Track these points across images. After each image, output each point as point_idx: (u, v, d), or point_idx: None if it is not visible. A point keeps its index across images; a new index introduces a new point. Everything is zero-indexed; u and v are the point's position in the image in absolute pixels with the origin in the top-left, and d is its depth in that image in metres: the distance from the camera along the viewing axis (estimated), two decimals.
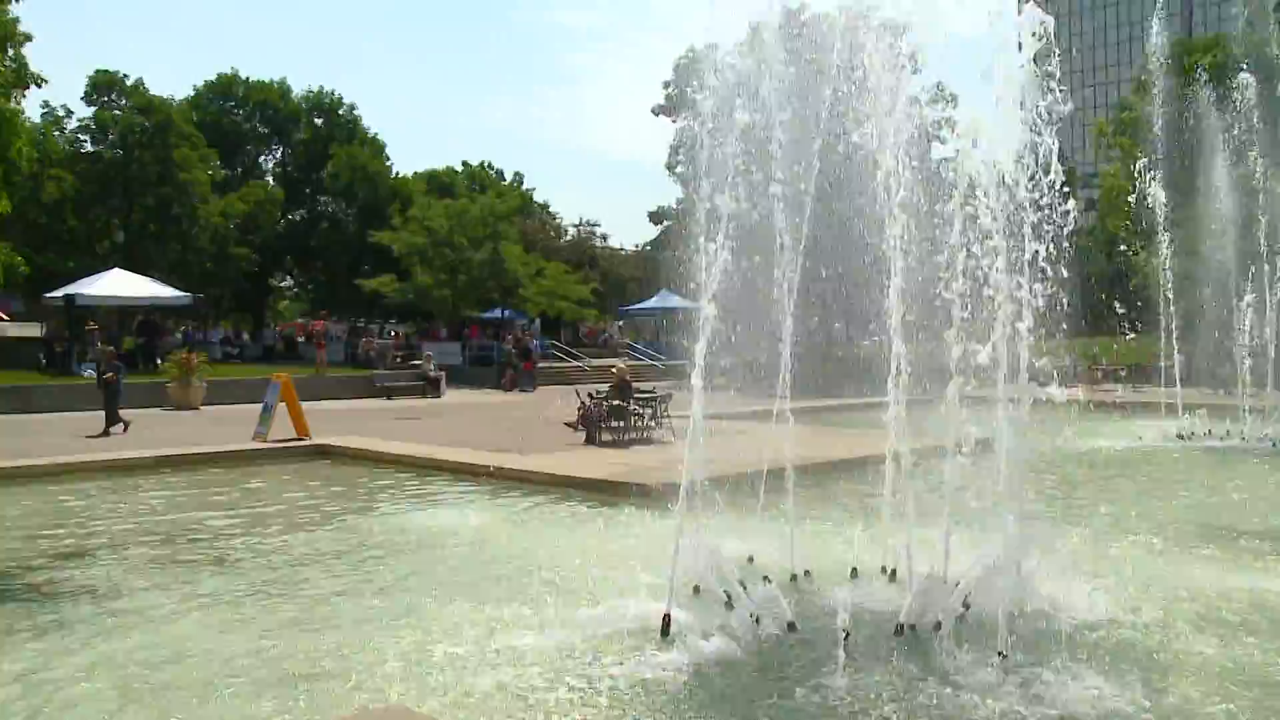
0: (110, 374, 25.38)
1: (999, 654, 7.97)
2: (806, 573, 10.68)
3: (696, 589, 9.76)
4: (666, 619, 8.85)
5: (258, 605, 10.38)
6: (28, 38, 37.09)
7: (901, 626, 8.89)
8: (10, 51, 35.88)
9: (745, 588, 9.38)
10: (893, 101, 10.39)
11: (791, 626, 8.92)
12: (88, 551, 12.89)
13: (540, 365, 48.51)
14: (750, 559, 10.92)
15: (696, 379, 9.31)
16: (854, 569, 10.68)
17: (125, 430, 24.58)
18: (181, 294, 44.77)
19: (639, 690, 7.65)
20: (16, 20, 36.21)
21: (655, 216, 72.94)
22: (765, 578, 9.94)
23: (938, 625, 8.74)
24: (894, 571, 10.36)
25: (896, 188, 9.96)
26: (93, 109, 58.13)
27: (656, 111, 62.33)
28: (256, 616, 9.94)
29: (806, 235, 11.28)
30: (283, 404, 23.14)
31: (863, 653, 8.33)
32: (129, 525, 14.56)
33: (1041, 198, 9.07)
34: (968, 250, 9.28)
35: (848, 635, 8.20)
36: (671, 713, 7.32)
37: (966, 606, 9.00)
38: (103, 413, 24.89)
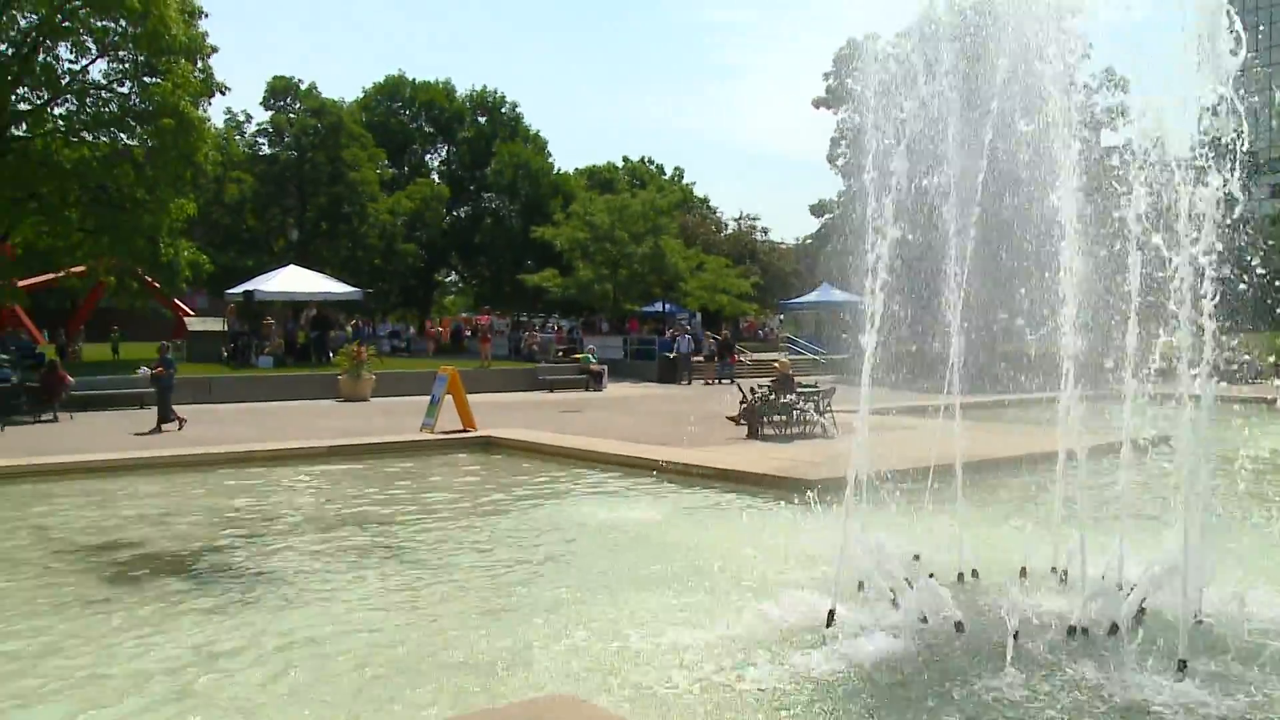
0: (160, 369, 25.11)
1: (1180, 662, 7.68)
2: (974, 572, 10.45)
3: (861, 585, 9.66)
4: (831, 615, 8.80)
5: (422, 592, 10.66)
6: (214, 49, 39.16)
7: (1074, 629, 8.61)
8: (199, 63, 37.97)
9: (911, 585, 9.22)
10: (1064, 87, 10.08)
11: (959, 626, 8.71)
12: (262, 535, 13.44)
13: (702, 359, 48.79)
14: (916, 557, 10.72)
15: (865, 373, 9.21)
16: (1023, 569, 10.41)
17: (180, 427, 24.19)
18: (352, 289, 46.34)
19: (803, 687, 7.59)
20: (205, 34, 38.30)
21: (816, 210, 72.29)
22: (931, 575, 9.73)
23: (1112, 629, 8.47)
24: (1065, 572, 10.06)
25: (1069, 176, 9.67)
26: (270, 113, 60.85)
27: (817, 104, 61.72)
28: (420, 603, 10.21)
29: (976, 226, 11.02)
30: (449, 396, 23.74)
31: (1033, 655, 8.12)
32: (300, 512, 15.17)
33: (1223, 184, 8.65)
34: (1143, 240, 8.94)
35: (1017, 636, 8.01)
36: (837, 711, 7.24)
37: (1143, 610, 8.69)
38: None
